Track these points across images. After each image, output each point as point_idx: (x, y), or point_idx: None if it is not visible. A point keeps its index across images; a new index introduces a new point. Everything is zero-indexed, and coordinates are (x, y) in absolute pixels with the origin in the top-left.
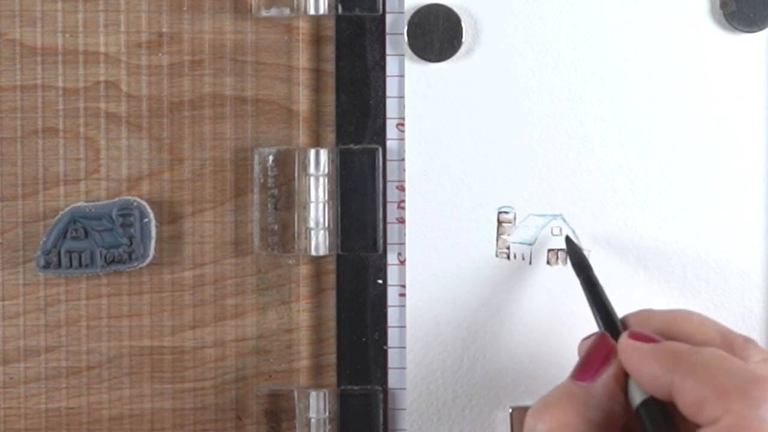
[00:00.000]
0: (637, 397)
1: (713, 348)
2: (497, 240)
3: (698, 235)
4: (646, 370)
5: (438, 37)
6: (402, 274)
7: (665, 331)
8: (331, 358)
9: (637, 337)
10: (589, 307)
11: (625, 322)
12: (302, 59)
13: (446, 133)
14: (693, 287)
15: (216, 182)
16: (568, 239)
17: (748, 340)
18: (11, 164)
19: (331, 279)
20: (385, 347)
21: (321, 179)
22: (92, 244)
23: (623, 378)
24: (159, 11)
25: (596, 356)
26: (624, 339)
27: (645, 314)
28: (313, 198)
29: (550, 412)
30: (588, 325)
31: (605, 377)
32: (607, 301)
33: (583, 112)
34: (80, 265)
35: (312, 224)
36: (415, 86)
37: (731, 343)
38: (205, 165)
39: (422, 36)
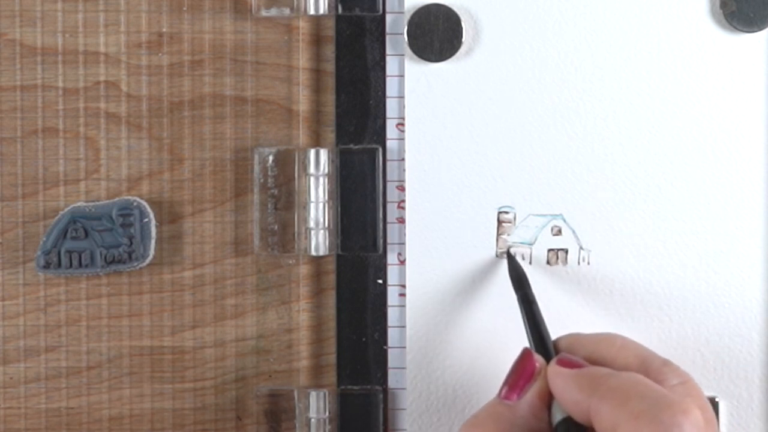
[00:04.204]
0: (557, 416)
1: (631, 372)
2: (497, 240)
3: (698, 235)
4: (568, 395)
5: (438, 37)
6: (402, 274)
7: (591, 355)
8: (331, 358)
9: (563, 363)
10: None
11: (555, 345)
12: (302, 59)
13: (446, 133)
14: (693, 287)
15: (216, 182)
16: (509, 254)
17: (665, 363)
18: (11, 164)
19: (331, 279)
20: (385, 347)
21: (321, 179)
22: (92, 244)
23: (548, 396)
24: (159, 11)
25: (521, 374)
26: (552, 365)
27: (573, 338)
28: (313, 198)
29: None
30: (588, 325)
31: (530, 396)
32: (542, 320)
33: (583, 112)
34: (80, 265)
35: (312, 224)
36: (415, 86)
37: (648, 366)
38: (205, 165)
39: (422, 36)
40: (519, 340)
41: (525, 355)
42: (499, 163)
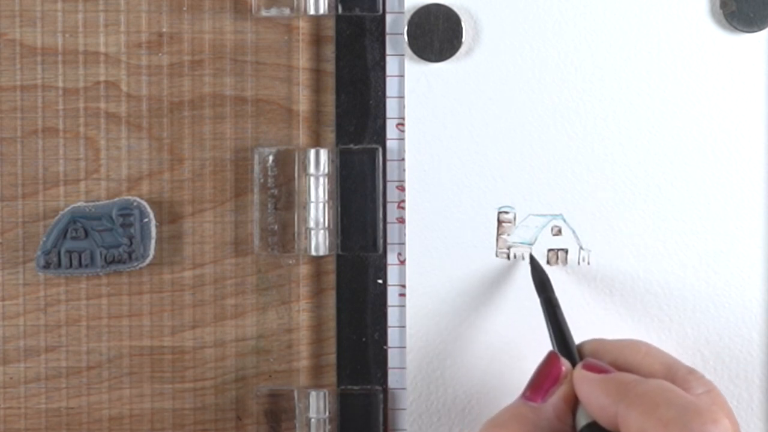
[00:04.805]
0: (582, 420)
1: (658, 379)
2: (497, 240)
3: (698, 235)
4: (594, 400)
5: (438, 37)
6: (402, 274)
7: (615, 361)
8: (331, 358)
9: (589, 367)
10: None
11: (579, 350)
12: (302, 59)
13: (446, 133)
14: (693, 287)
15: (216, 182)
16: (531, 257)
17: (690, 372)
18: (11, 164)
19: (331, 279)
20: (385, 347)
21: (321, 179)
22: (92, 244)
23: (573, 399)
24: (159, 11)
25: (546, 377)
26: (578, 369)
27: (597, 343)
28: (313, 198)
29: None
30: (588, 325)
31: (555, 398)
32: (565, 323)
33: (583, 112)
34: (80, 265)
35: (312, 224)
36: (415, 86)
37: (674, 374)
38: (205, 165)
39: (422, 36)
40: (519, 339)
41: (551, 358)
42: (499, 163)
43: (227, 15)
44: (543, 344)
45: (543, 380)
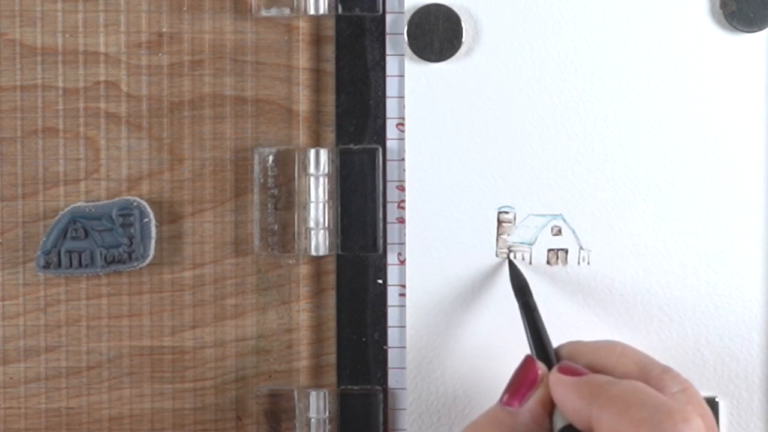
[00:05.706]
0: (558, 423)
1: (631, 380)
2: (497, 240)
3: (698, 235)
4: (569, 403)
5: (438, 37)
6: (402, 274)
7: (591, 363)
8: (331, 358)
9: (564, 370)
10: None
11: (557, 353)
12: (302, 59)
13: (446, 133)
14: (693, 287)
15: (216, 182)
16: (510, 262)
17: (665, 371)
18: (11, 164)
19: (331, 279)
20: (385, 347)
21: (321, 179)
22: (92, 244)
23: (549, 403)
24: (159, 11)
25: (523, 381)
26: (553, 373)
27: (574, 345)
28: (313, 198)
29: None
30: (588, 325)
31: (532, 402)
32: (543, 328)
33: (583, 112)
34: (80, 265)
35: (312, 224)
36: (415, 86)
37: (648, 373)
38: (205, 165)
39: (422, 36)
40: (519, 340)
41: (527, 362)
42: (499, 163)
43: (227, 15)
44: None
45: (520, 385)
